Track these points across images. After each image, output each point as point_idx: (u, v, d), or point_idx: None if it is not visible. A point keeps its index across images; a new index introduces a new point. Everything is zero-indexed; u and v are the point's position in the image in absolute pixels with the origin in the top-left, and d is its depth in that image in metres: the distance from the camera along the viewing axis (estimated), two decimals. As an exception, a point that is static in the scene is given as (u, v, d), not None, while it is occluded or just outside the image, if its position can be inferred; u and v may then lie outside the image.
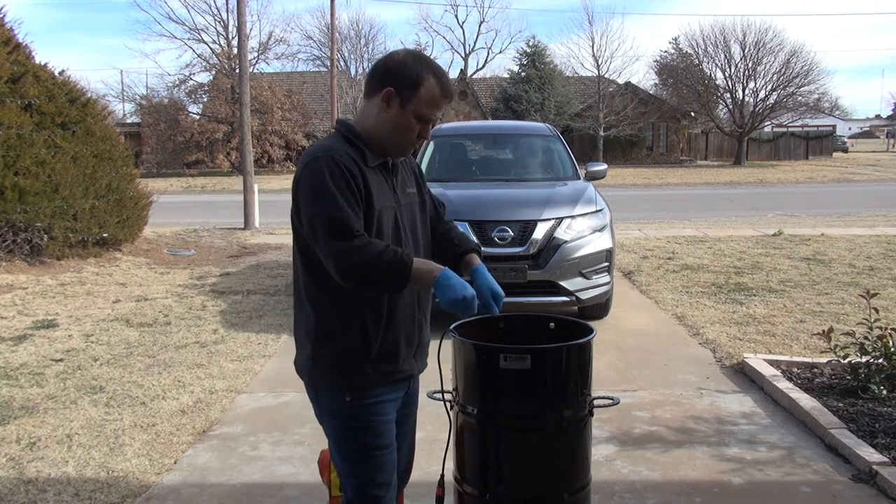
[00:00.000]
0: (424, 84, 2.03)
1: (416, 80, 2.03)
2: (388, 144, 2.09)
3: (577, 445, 2.39)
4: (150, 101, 33.82)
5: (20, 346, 5.69)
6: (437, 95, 2.05)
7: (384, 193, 2.09)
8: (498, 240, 5.79)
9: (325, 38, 38.35)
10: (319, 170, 1.98)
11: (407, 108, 2.04)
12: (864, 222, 13.21)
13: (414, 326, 2.18)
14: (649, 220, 14.12)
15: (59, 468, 3.58)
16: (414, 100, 2.03)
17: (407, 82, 2.03)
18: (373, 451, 2.12)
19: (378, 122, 2.07)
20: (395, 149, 2.11)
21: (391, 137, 2.08)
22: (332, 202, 1.95)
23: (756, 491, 3.36)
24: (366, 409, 2.10)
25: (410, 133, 2.08)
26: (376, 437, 2.12)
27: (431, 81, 2.04)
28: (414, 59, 2.08)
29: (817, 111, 44.67)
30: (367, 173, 2.04)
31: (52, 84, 9.48)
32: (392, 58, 2.10)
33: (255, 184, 13.67)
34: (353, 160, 2.02)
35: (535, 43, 38.11)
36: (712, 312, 6.53)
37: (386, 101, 2.05)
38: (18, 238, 8.63)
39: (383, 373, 2.12)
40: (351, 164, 2.00)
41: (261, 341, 5.80)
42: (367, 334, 2.07)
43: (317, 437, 3.87)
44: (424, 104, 2.04)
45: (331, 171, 1.97)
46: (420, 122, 2.07)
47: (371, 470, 2.13)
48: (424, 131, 2.09)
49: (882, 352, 4.27)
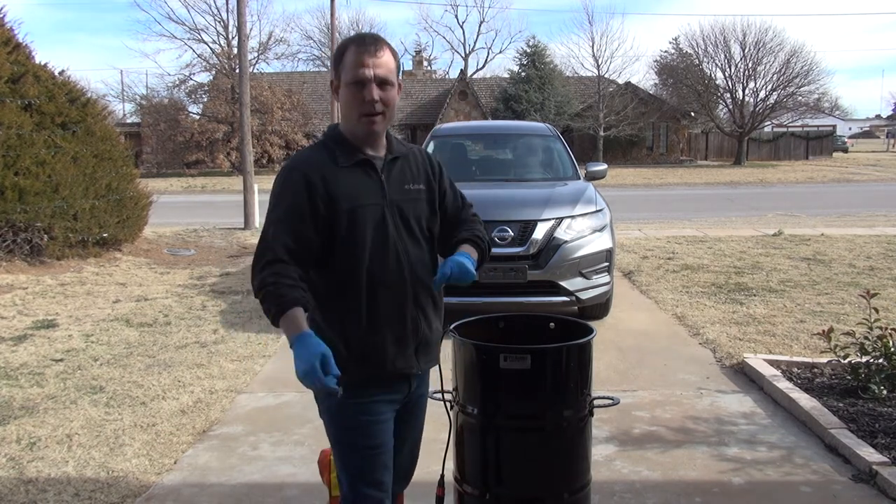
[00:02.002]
0: (346, 53, 2.08)
1: (340, 54, 2.11)
2: (356, 130, 2.11)
3: (577, 445, 2.39)
4: (150, 101, 33.82)
5: (20, 346, 5.69)
6: (356, 52, 2.06)
7: (362, 192, 2.09)
8: (498, 240, 5.78)
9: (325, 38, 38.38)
10: (278, 182, 2.11)
11: (343, 83, 2.08)
12: (864, 222, 13.21)
13: (405, 326, 2.13)
14: (649, 220, 14.12)
15: (59, 468, 3.58)
16: (343, 72, 2.08)
17: (336, 63, 2.13)
18: (363, 451, 2.13)
19: (343, 115, 2.14)
20: (360, 128, 2.10)
21: (351, 120, 2.11)
22: (274, 217, 2.07)
23: (756, 491, 3.36)
24: (356, 409, 2.10)
25: (356, 103, 2.07)
26: (367, 437, 2.12)
27: (350, 46, 2.09)
28: (341, 41, 2.19)
29: (817, 111, 44.68)
30: (336, 175, 2.07)
31: (52, 84, 9.49)
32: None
33: (255, 184, 13.67)
34: (320, 165, 2.08)
35: (535, 43, 38.15)
36: (712, 312, 6.53)
37: (335, 91, 2.13)
38: (18, 238, 8.63)
39: (369, 373, 2.11)
40: (313, 173, 2.06)
41: (261, 341, 5.80)
42: (346, 336, 2.09)
43: (317, 437, 3.88)
44: (350, 68, 2.06)
45: (285, 181, 2.10)
46: (357, 87, 2.05)
47: (361, 468, 2.13)
48: (367, 93, 2.05)
49: (882, 352, 4.27)
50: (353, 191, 2.07)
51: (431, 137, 7.71)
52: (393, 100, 2.09)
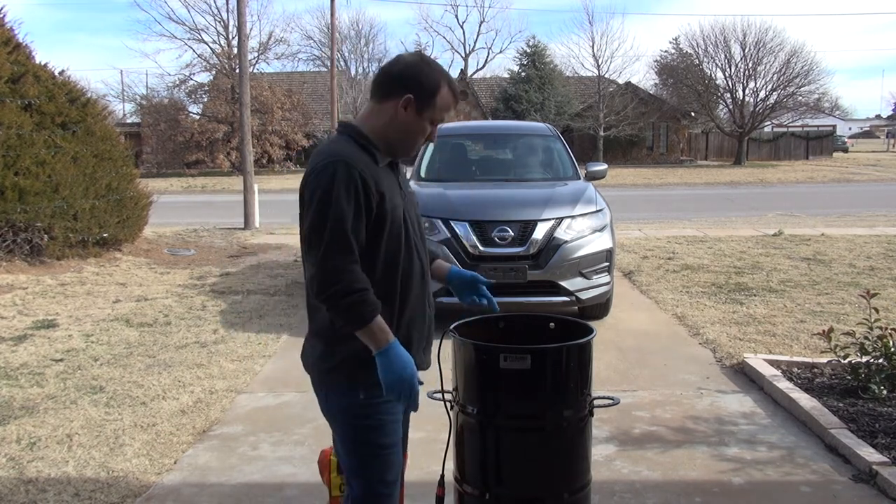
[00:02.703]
0: (440, 92, 2.11)
1: (433, 88, 2.10)
2: (398, 146, 2.15)
3: (577, 445, 2.39)
4: (150, 101, 33.80)
5: (20, 346, 5.70)
6: (450, 102, 2.15)
7: (394, 192, 2.13)
8: (498, 240, 5.78)
9: (325, 38, 38.35)
10: (331, 176, 1.99)
11: (423, 115, 2.11)
12: (864, 222, 13.21)
13: (424, 323, 2.21)
14: (649, 220, 14.12)
15: (59, 468, 3.58)
16: (430, 107, 2.11)
17: (424, 90, 2.09)
18: (381, 450, 2.13)
19: (391, 126, 2.12)
20: (403, 150, 2.17)
21: (403, 140, 2.14)
22: (340, 213, 1.97)
23: (756, 491, 3.36)
24: (377, 408, 2.11)
25: (422, 137, 2.16)
26: (385, 436, 2.13)
27: (446, 89, 2.12)
28: (429, 66, 2.14)
29: (817, 111, 44.67)
30: (379, 174, 2.09)
31: (52, 84, 9.48)
32: (407, 63, 2.13)
33: (255, 184, 13.67)
34: (366, 163, 2.06)
35: (535, 43, 38.15)
36: (712, 312, 6.53)
37: (405, 107, 2.09)
38: (18, 238, 8.63)
39: None
40: (364, 169, 2.03)
41: (261, 341, 5.80)
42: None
43: (317, 437, 3.88)
44: (439, 110, 2.13)
45: (344, 178, 1.99)
46: (431, 126, 2.15)
47: (379, 468, 2.14)
48: (433, 134, 2.17)
49: (882, 352, 4.27)
50: (390, 191, 2.11)
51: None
52: None
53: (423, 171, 7.15)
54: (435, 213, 5.85)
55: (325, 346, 2.11)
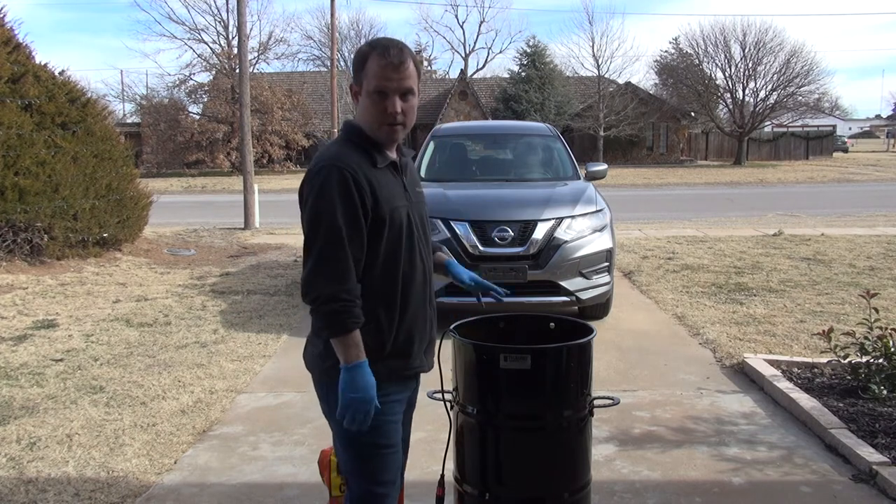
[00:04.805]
0: (368, 61, 2.07)
1: (362, 60, 2.09)
2: (377, 133, 2.11)
3: (577, 445, 2.39)
4: (150, 101, 33.82)
5: (20, 346, 5.70)
6: (381, 65, 2.05)
7: (395, 193, 2.12)
8: (498, 240, 5.78)
9: (325, 38, 38.38)
10: (323, 180, 2.02)
11: (366, 89, 2.08)
12: (864, 222, 13.21)
13: (426, 324, 2.20)
14: (649, 220, 14.12)
15: (59, 468, 3.58)
16: (366, 80, 2.08)
17: (357, 68, 2.11)
18: (380, 450, 2.14)
19: (361, 117, 2.13)
20: (381, 135, 2.11)
21: (371, 126, 2.11)
22: (332, 217, 1.99)
23: (756, 491, 3.36)
24: (377, 409, 2.09)
25: (378, 112, 2.08)
26: (383, 437, 2.13)
27: (373, 54, 2.07)
28: (363, 46, 2.15)
29: (817, 111, 44.65)
30: (376, 176, 2.07)
31: (52, 84, 9.48)
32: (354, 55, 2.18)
33: (255, 184, 13.67)
34: (360, 166, 2.05)
35: (535, 43, 38.17)
36: (712, 312, 6.53)
37: (355, 93, 2.12)
38: (18, 238, 8.62)
39: (394, 370, 2.13)
40: (358, 171, 2.03)
41: (261, 341, 5.80)
42: (381, 332, 2.09)
43: (317, 437, 3.88)
44: (374, 78, 2.06)
45: (335, 182, 2.00)
46: (380, 97, 2.07)
47: (377, 469, 2.14)
48: (390, 105, 2.07)
49: (882, 352, 4.27)
50: (389, 193, 2.09)
51: (431, 137, 7.71)
52: (413, 108, 2.12)
53: (424, 171, 7.15)
54: (435, 213, 5.84)
55: (326, 344, 2.11)
